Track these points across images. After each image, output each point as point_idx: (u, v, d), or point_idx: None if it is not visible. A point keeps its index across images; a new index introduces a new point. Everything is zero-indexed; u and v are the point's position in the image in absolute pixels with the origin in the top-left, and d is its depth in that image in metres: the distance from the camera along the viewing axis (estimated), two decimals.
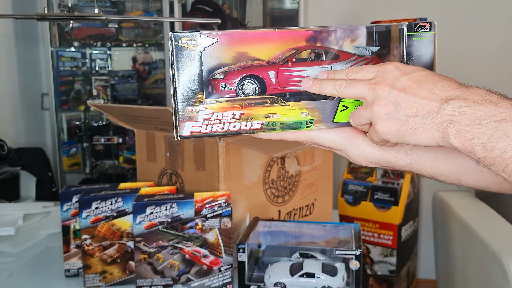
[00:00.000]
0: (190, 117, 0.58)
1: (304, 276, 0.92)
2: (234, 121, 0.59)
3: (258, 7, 3.03)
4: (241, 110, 0.59)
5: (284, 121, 0.60)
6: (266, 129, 0.60)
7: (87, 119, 3.08)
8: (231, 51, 0.58)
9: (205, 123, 0.59)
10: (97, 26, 2.92)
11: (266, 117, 0.60)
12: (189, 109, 0.58)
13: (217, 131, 0.59)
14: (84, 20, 2.45)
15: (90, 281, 0.99)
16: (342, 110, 0.61)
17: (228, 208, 0.94)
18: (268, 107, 0.60)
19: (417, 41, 0.61)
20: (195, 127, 0.59)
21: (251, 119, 0.60)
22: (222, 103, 0.59)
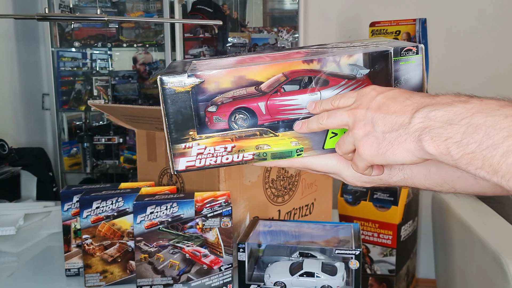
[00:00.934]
0: (184, 153, 0.61)
1: (304, 275, 0.92)
2: (226, 154, 0.62)
3: (258, 7, 3.03)
4: (232, 143, 0.61)
5: (275, 151, 0.62)
6: (258, 159, 0.62)
7: (88, 119, 3.09)
8: (230, 76, 0.60)
9: (199, 157, 0.61)
10: (98, 27, 2.92)
11: (257, 148, 0.62)
12: (182, 145, 0.61)
13: (210, 164, 0.62)
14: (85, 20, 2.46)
15: (90, 281, 1.00)
16: (331, 137, 0.61)
17: (228, 208, 0.95)
18: (258, 138, 0.61)
19: (404, 65, 0.60)
20: (189, 161, 0.62)
21: (243, 151, 0.61)
22: (214, 138, 0.61)
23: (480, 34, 2.65)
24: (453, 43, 2.69)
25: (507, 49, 2.64)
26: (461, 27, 2.69)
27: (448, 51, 2.69)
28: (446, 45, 2.69)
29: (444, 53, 2.68)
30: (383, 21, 2.41)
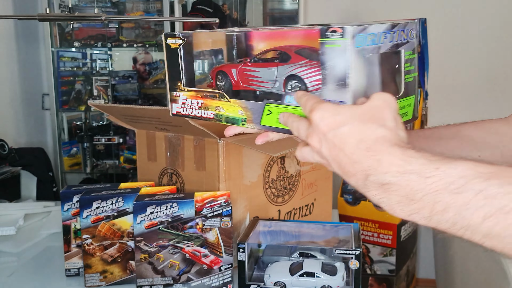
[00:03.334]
0: (175, 100, 0.72)
1: (304, 275, 0.92)
2: (198, 108, 0.69)
3: (258, 7, 3.03)
4: (201, 100, 0.68)
5: (227, 116, 0.66)
6: (216, 120, 0.67)
7: (88, 119, 3.08)
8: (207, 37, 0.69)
9: (183, 106, 0.71)
10: (98, 27, 2.92)
11: (216, 109, 0.67)
12: (174, 93, 0.71)
13: (189, 114, 0.71)
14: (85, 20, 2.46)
15: (90, 281, 0.99)
16: (267, 114, 0.61)
17: (228, 208, 0.95)
18: (217, 100, 0.67)
19: (329, 49, 0.53)
20: (178, 108, 0.72)
21: (207, 109, 0.68)
22: (192, 92, 0.69)
23: (480, 34, 2.65)
24: (453, 43, 2.69)
25: (507, 49, 2.64)
26: (461, 27, 2.69)
27: (448, 51, 2.69)
28: (446, 45, 2.69)
29: (444, 53, 2.68)
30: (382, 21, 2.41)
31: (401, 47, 0.56)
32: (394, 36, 0.55)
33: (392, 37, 0.55)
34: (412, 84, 0.59)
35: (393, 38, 0.55)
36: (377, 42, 0.53)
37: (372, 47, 0.53)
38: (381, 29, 0.53)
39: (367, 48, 0.52)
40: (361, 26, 0.51)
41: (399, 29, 0.55)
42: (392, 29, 0.54)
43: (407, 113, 0.59)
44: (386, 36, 0.54)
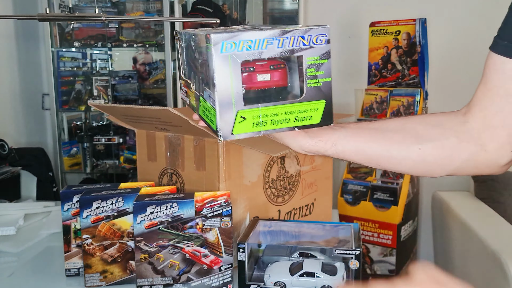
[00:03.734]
0: (181, 87, 0.79)
1: (304, 275, 0.92)
2: (185, 96, 0.75)
3: (258, 7, 3.04)
4: (185, 88, 0.74)
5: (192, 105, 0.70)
6: (194, 108, 0.70)
7: (88, 119, 3.09)
8: None
9: (181, 92, 0.78)
10: (98, 27, 2.92)
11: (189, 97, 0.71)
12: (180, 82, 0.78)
13: (184, 100, 0.78)
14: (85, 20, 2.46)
15: (90, 281, 1.00)
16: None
17: (228, 208, 0.95)
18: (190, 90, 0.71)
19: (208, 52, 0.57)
20: (181, 93, 0.79)
21: (189, 97, 0.72)
22: (183, 81, 0.75)
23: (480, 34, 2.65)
24: (453, 43, 2.69)
25: None
26: (461, 27, 2.69)
27: (448, 51, 2.69)
28: (446, 45, 2.69)
29: (444, 53, 2.68)
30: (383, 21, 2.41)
31: (300, 52, 0.57)
32: (286, 42, 0.56)
33: (283, 43, 0.56)
34: (321, 89, 0.59)
35: (284, 44, 0.56)
36: (255, 48, 0.56)
37: (248, 53, 0.56)
38: (262, 36, 0.55)
39: (239, 53, 0.55)
40: (230, 33, 0.55)
41: (294, 35, 0.56)
42: (281, 36, 0.56)
43: (312, 117, 0.60)
44: (272, 42, 0.56)
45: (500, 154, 0.67)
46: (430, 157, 0.68)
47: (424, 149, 0.68)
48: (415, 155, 0.68)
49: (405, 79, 2.37)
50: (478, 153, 0.68)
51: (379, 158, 0.70)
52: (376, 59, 2.45)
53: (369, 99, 2.44)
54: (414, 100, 2.31)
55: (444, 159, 0.68)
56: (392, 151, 0.68)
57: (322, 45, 0.58)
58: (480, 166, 0.69)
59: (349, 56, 2.87)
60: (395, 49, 2.38)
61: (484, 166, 0.69)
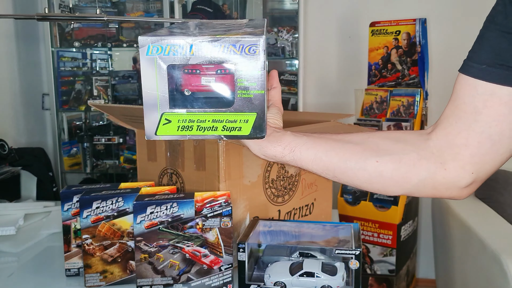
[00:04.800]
0: None
1: (304, 275, 0.92)
2: None
3: (258, 7, 3.04)
4: None
5: None
6: None
7: (88, 119, 3.09)
8: None
9: None
10: (98, 27, 2.92)
11: None
12: None
13: None
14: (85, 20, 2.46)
15: (90, 281, 1.00)
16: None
17: (228, 208, 0.95)
18: None
19: None
20: None
21: None
22: None
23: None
24: (453, 43, 2.69)
25: None
26: (461, 27, 2.69)
27: (448, 51, 2.69)
28: (446, 45, 2.69)
29: (444, 53, 2.68)
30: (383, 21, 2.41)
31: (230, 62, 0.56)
32: (215, 50, 0.56)
33: (212, 50, 0.56)
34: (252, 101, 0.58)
35: (213, 52, 0.56)
36: (182, 53, 0.56)
37: (175, 57, 0.56)
38: (190, 41, 0.55)
39: (165, 57, 0.56)
40: (157, 36, 0.55)
41: (224, 44, 0.55)
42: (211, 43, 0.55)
43: (241, 128, 0.59)
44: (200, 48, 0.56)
45: (460, 175, 0.64)
46: (387, 171, 0.66)
47: (381, 162, 0.66)
48: (372, 168, 0.66)
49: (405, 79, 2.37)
50: (437, 172, 0.65)
51: (335, 169, 0.68)
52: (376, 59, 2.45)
53: (369, 99, 2.44)
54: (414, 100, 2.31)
55: (401, 175, 0.66)
56: (349, 162, 0.67)
57: (257, 55, 0.56)
58: (438, 187, 0.66)
59: (349, 56, 2.87)
60: (395, 49, 2.38)
61: (443, 187, 0.66)
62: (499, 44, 0.61)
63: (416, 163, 0.65)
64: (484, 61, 0.62)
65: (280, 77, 2.90)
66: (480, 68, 0.61)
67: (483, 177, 0.65)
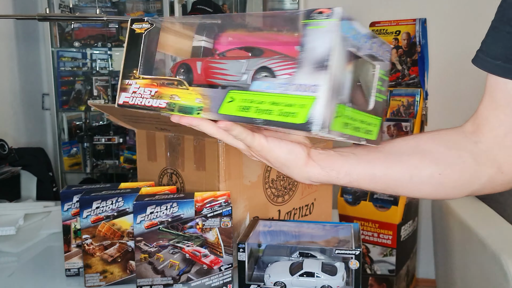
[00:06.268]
0: (125, 89, 0.65)
1: (304, 275, 0.92)
2: (149, 97, 0.63)
3: (258, 7, 3.04)
4: (156, 88, 0.63)
5: (182, 104, 0.60)
6: (168, 109, 0.61)
7: (88, 119, 3.09)
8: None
9: (133, 95, 0.64)
10: (98, 27, 2.92)
11: (170, 98, 0.62)
12: (126, 81, 0.65)
13: (137, 104, 0.64)
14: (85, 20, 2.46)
15: (90, 281, 0.99)
16: (229, 101, 0.55)
17: (228, 208, 0.95)
18: (174, 88, 0.61)
19: (312, 31, 0.49)
20: (126, 97, 0.65)
21: (160, 98, 0.62)
22: (147, 80, 0.64)
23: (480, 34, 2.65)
24: (453, 43, 2.69)
25: None
26: (461, 27, 2.69)
27: (448, 51, 2.69)
28: (446, 45, 2.69)
29: (444, 53, 2.68)
30: (383, 21, 2.41)
31: (375, 62, 0.54)
32: (372, 46, 0.53)
33: (371, 46, 0.53)
34: (380, 105, 0.56)
35: (372, 48, 0.53)
36: (358, 40, 0.51)
37: (353, 42, 0.50)
38: (362, 31, 0.52)
39: (348, 40, 0.50)
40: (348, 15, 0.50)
41: (377, 43, 0.53)
42: (371, 38, 0.53)
43: (372, 132, 0.56)
44: (367, 41, 0.52)
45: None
46: (450, 182, 0.65)
47: (443, 174, 0.64)
48: (435, 180, 0.65)
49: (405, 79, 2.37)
50: (495, 176, 0.65)
51: (396, 185, 0.66)
52: None
53: None
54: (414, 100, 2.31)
55: (464, 183, 0.66)
56: (411, 177, 0.64)
57: (387, 62, 0.54)
58: (496, 187, 0.66)
59: None
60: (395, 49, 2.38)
61: (500, 187, 0.67)
62: None
63: (476, 170, 0.65)
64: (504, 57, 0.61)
65: None
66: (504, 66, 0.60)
67: None
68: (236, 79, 0.59)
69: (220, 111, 0.56)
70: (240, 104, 0.54)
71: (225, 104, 0.56)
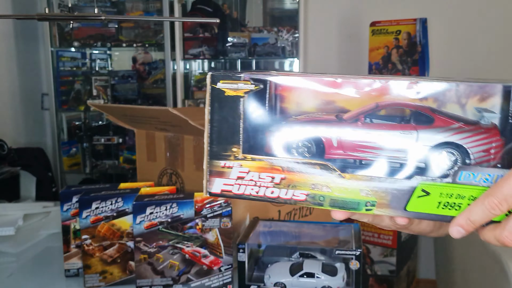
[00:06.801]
0: (222, 173, 0.49)
1: (304, 276, 0.92)
2: (272, 185, 0.48)
3: (258, 7, 3.03)
4: (282, 173, 0.48)
5: (336, 197, 0.47)
6: (312, 202, 0.48)
7: (87, 119, 3.08)
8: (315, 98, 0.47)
9: (238, 182, 0.49)
10: (97, 26, 2.92)
11: (313, 188, 0.48)
12: (222, 163, 0.49)
13: (250, 195, 0.49)
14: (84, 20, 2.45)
15: (90, 281, 0.99)
16: (420, 196, 0.45)
17: (228, 208, 0.94)
18: (317, 176, 0.47)
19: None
20: (226, 185, 0.49)
21: (294, 187, 0.48)
22: (261, 162, 0.48)
23: (480, 34, 2.65)
24: (453, 42, 2.69)
25: (507, 48, 2.64)
26: (462, 27, 2.69)
27: (448, 51, 2.69)
28: (447, 44, 2.69)
29: (445, 53, 2.68)
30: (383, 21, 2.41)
31: None
32: None
33: None
34: None
35: None
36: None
37: None
38: None
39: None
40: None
41: None
42: None
43: None
44: None
45: None
46: None
47: None
48: None
49: None
50: None
51: None
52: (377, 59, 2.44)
53: None
54: None
55: None
56: None
57: None
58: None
59: (349, 56, 2.87)
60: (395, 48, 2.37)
61: None
62: None
63: None
64: None
65: None
66: None
67: None
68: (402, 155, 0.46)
69: (409, 207, 0.46)
70: (439, 199, 0.45)
71: (415, 199, 0.46)
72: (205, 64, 3.11)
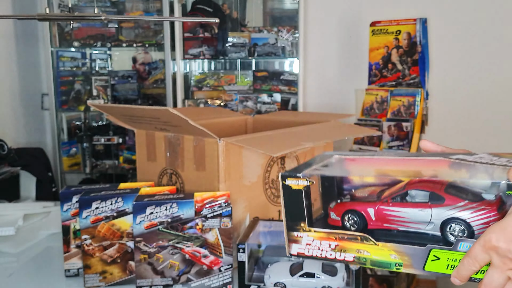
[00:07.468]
0: (296, 240, 0.67)
1: (304, 276, 0.92)
2: (330, 250, 0.65)
3: (258, 7, 3.03)
4: (336, 241, 0.64)
5: (374, 259, 0.62)
6: (358, 262, 0.64)
7: (87, 119, 3.08)
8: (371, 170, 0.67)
9: (308, 247, 0.66)
10: (97, 26, 2.92)
11: (358, 252, 0.63)
12: (295, 234, 0.67)
13: (317, 256, 0.66)
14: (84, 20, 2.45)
15: (90, 281, 0.99)
16: (433, 260, 0.58)
17: (228, 208, 0.94)
18: (359, 243, 0.63)
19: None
20: (300, 249, 0.67)
21: (345, 251, 0.64)
22: (320, 233, 0.65)
23: (480, 33, 2.65)
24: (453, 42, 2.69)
25: (507, 48, 2.64)
26: (462, 27, 2.68)
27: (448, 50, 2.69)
28: (447, 44, 2.69)
29: (445, 52, 2.68)
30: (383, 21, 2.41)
31: None
32: None
33: None
34: None
35: None
36: None
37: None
38: None
39: None
40: None
41: None
42: None
43: None
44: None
45: None
46: None
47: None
48: None
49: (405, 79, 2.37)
50: None
51: None
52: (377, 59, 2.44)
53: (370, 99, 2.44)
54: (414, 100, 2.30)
55: None
56: None
57: None
58: None
59: (349, 56, 2.87)
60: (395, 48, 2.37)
61: None
62: None
63: None
64: None
65: (280, 77, 2.90)
66: None
67: None
68: (421, 227, 0.60)
69: (426, 268, 0.59)
70: (447, 263, 0.58)
71: (430, 262, 0.59)
72: (205, 64, 3.11)
